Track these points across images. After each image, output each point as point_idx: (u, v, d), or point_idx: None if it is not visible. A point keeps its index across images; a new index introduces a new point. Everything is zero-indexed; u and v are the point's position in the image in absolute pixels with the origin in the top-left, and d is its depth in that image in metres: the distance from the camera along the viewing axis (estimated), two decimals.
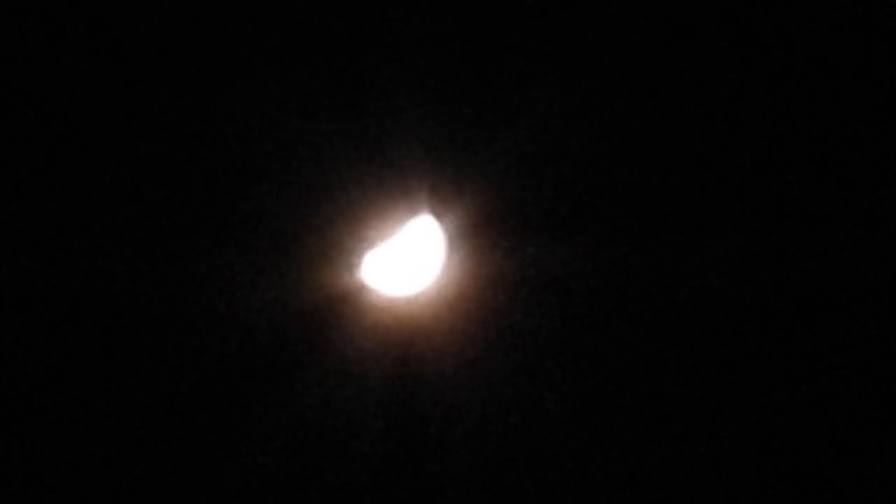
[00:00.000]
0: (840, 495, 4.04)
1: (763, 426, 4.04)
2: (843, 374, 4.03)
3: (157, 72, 3.91)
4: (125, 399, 3.99)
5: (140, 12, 3.88)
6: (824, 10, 3.95)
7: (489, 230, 4.00)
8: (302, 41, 3.94)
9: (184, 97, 3.91)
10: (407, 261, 3.99)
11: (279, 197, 3.97)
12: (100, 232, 3.94)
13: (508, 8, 3.95)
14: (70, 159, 3.92)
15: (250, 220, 3.98)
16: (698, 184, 4.00)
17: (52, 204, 3.94)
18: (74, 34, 3.89)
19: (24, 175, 3.93)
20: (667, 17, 3.95)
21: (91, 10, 3.87)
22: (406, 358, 4.01)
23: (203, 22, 3.89)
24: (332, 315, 4.00)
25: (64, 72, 3.90)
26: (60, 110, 3.92)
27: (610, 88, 3.98)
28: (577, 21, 3.94)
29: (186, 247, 3.97)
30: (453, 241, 3.99)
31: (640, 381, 4.02)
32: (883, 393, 4.04)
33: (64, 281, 3.94)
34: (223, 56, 3.93)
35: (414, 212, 3.98)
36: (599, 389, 4.02)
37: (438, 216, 3.99)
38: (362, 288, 3.99)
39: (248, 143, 3.95)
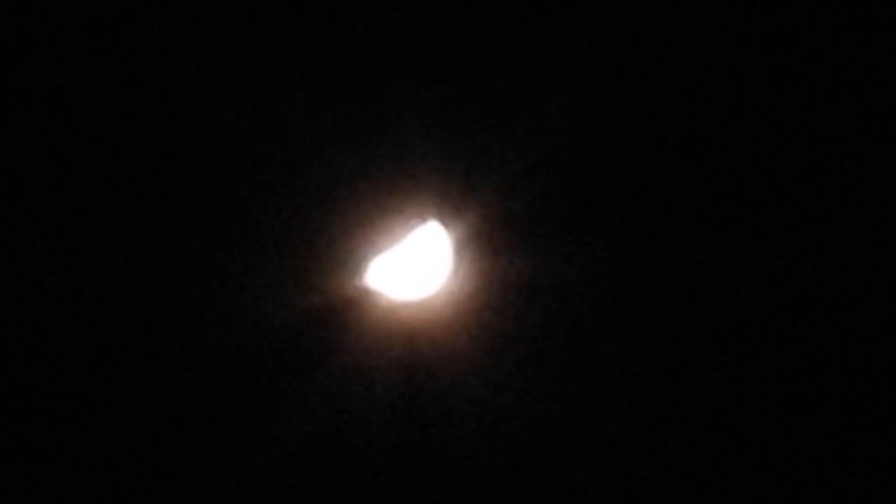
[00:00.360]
0: (840, 495, 4.12)
1: (769, 428, 4.09)
2: (851, 376, 4.08)
3: (165, 74, 3.86)
4: (129, 403, 4.00)
5: (150, 14, 3.82)
6: (825, 9, 3.93)
7: (496, 236, 4.00)
8: (310, 46, 3.89)
9: (191, 101, 3.87)
10: (414, 266, 3.99)
11: (286, 201, 3.96)
12: (106, 236, 3.92)
13: (517, 13, 3.91)
14: (75, 162, 3.88)
15: (257, 224, 3.97)
16: (706, 188, 4.00)
17: (57, 206, 3.91)
18: (80, 34, 3.83)
19: (29, 178, 3.89)
20: (673, 23, 3.92)
21: (98, 9, 3.79)
22: (413, 363, 4.03)
23: (211, 25, 3.83)
24: (340, 320, 4.01)
25: (70, 74, 3.85)
26: (65, 112, 3.87)
27: (618, 94, 3.96)
28: (585, 27, 3.90)
29: (193, 251, 3.96)
30: (460, 247, 3.99)
31: (648, 385, 4.06)
32: (883, 393, 4.10)
33: (70, 284, 3.93)
34: (230, 59, 3.88)
35: (421, 217, 3.98)
36: (607, 394, 4.06)
37: (446, 221, 3.98)
38: (369, 293, 3.99)
39: (255, 147, 3.92)
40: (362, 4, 3.88)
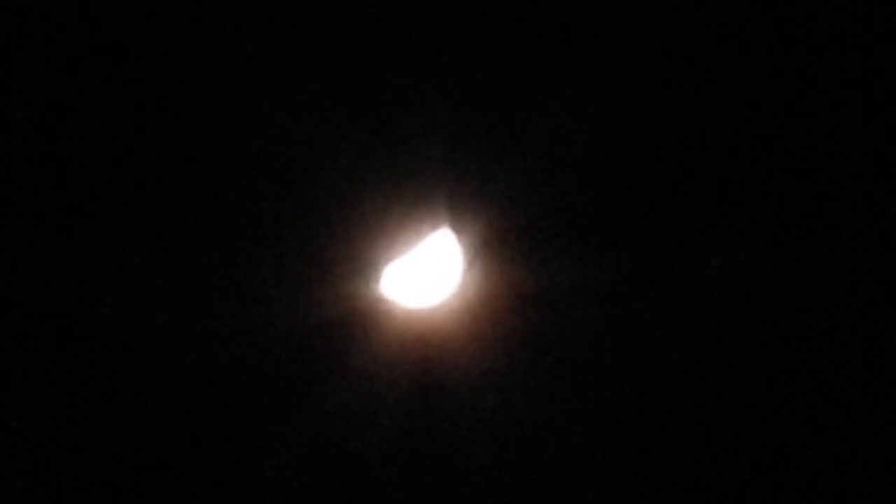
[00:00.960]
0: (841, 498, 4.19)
1: (784, 436, 4.13)
2: (864, 384, 4.11)
3: (179, 80, 3.83)
4: (143, 409, 4.05)
5: (163, 17, 3.78)
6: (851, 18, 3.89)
7: (508, 243, 4.01)
8: (323, 53, 3.86)
9: (205, 108, 3.85)
10: (426, 274, 4.01)
11: (298, 209, 3.96)
12: (117, 247, 3.93)
13: (528, 22, 3.87)
14: (86, 167, 3.87)
15: (269, 232, 3.97)
16: (718, 196, 4.00)
17: (68, 212, 3.91)
18: (89, 37, 3.80)
19: (42, 183, 3.89)
20: (687, 34, 3.88)
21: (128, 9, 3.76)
22: (425, 370, 4.07)
23: (226, 32, 3.80)
24: (351, 328, 4.03)
25: (79, 77, 3.82)
26: (72, 115, 3.85)
27: (630, 103, 3.94)
28: (597, 36, 3.87)
29: (205, 260, 3.97)
30: (472, 254, 4.01)
31: (659, 392, 4.10)
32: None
33: (83, 291, 3.95)
34: (244, 66, 3.85)
35: (433, 225, 3.98)
36: (618, 401, 4.10)
37: (457, 229, 3.99)
38: (381, 301, 4.01)
39: (267, 155, 3.91)
40: (376, 13, 3.84)
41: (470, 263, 4.01)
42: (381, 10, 3.84)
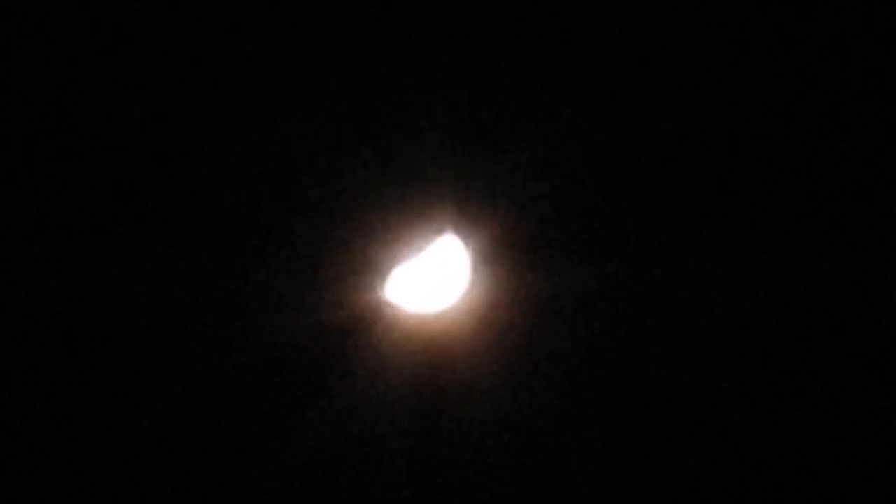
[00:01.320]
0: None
1: (797, 446, 4.15)
2: (864, 384, 4.14)
3: (181, 85, 3.76)
4: (145, 416, 3.96)
5: (163, 17, 3.71)
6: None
7: (515, 249, 3.99)
8: (327, 57, 3.82)
9: (207, 109, 3.79)
10: (432, 279, 3.97)
11: (304, 214, 3.91)
12: (121, 254, 3.85)
13: (538, 26, 3.86)
14: (93, 171, 3.79)
15: (274, 237, 3.92)
16: (728, 204, 4.01)
17: (71, 220, 3.83)
18: (89, 37, 3.71)
19: (37, 185, 3.80)
20: (688, 34, 3.89)
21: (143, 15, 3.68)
22: (431, 376, 4.03)
23: (227, 32, 3.74)
24: (357, 333, 3.99)
25: (80, 78, 3.73)
26: (75, 118, 3.76)
27: (637, 108, 3.94)
28: (608, 43, 3.87)
29: (210, 266, 3.90)
30: (478, 260, 3.97)
31: (667, 400, 4.09)
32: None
33: (84, 300, 3.87)
34: (245, 71, 3.79)
35: (439, 230, 3.94)
36: (625, 408, 4.09)
37: (464, 234, 3.95)
38: (388, 306, 3.96)
39: (272, 160, 3.86)
40: (383, 16, 3.80)
41: (476, 269, 3.97)
42: (388, 13, 3.81)
